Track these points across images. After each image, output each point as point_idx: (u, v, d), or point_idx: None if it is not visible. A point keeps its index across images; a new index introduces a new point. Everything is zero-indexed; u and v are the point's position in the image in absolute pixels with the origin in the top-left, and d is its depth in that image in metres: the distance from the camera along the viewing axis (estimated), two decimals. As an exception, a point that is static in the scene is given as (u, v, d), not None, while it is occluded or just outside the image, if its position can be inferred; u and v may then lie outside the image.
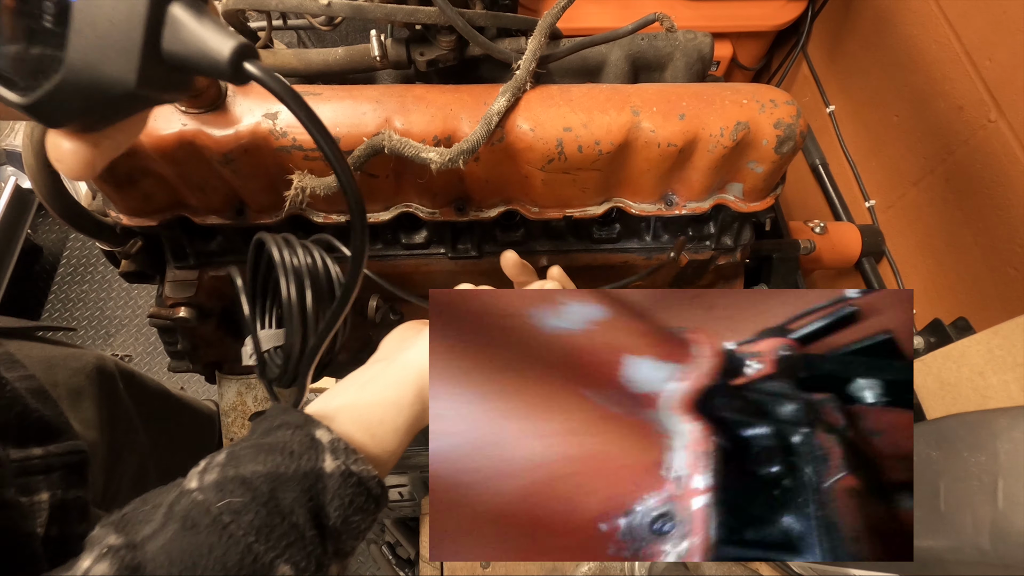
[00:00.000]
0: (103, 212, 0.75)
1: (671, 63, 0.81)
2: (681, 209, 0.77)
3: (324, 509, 0.38)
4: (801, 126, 0.71)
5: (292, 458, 0.38)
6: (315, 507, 0.38)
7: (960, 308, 1.14)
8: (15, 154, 1.75)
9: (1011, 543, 0.44)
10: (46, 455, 0.53)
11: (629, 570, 0.78)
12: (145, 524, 0.35)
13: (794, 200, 1.64)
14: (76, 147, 0.31)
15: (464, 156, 0.64)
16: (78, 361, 0.84)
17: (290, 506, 0.36)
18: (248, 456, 0.38)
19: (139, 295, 1.78)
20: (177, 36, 0.29)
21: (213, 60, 0.29)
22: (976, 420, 0.50)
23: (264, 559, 0.34)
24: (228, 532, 0.34)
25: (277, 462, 0.38)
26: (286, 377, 0.54)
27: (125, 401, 0.94)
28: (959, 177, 1.12)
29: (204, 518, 0.35)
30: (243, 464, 0.38)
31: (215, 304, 0.87)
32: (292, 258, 0.52)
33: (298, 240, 0.55)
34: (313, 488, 0.38)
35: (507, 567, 0.80)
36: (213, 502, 0.35)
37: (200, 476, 0.38)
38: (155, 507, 0.37)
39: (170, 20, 0.28)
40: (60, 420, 0.56)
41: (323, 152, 0.32)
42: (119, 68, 0.28)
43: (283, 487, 0.37)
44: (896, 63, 1.24)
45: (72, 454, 0.55)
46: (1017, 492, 0.44)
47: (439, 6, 0.66)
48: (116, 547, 0.33)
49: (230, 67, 0.29)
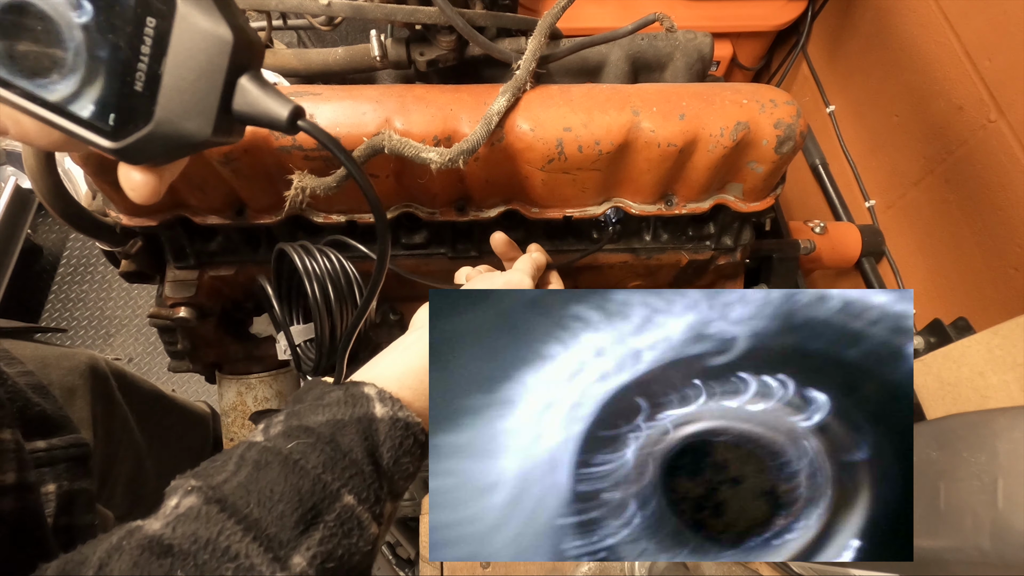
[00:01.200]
0: (103, 212, 0.75)
1: (671, 63, 0.81)
2: (681, 209, 0.77)
3: (378, 449, 0.43)
4: (801, 126, 0.71)
5: (347, 407, 0.43)
6: (370, 447, 0.42)
7: (960, 308, 1.14)
8: (15, 154, 1.75)
9: (1011, 543, 0.44)
10: (50, 448, 0.55)
11: (629, 570, 0.77)
12: (220, 472, 0.39)
13: (794, 200, 1.64)
14: (146, 178, 0.38)
15: (464, 156, 0.64)
16: (71, 361, 0.84)
17: (349, 445, 0.41)
18: (308, 411, 0.43)
19: (139, 295, 1.78)
20: (245, 99, 0.37)
21: (274, 118, 0.38)
22: (976, 420, 0.50)
23: (332, 487, 0.39)
24: (299, 466, 0.39)
25: (334, 411, 0.43)
26: (323, 365, 0.61)
27: (119, 401, 0.94)
28: (959, 177, 1.12)
29: (276, 458, 0.39)
30: (305, 417, 0.43)
31: (215, 304, 0.87)
32: (313, 264, 0.59)
33: (315, 246, 0.61)
34: (367, 431, 0.43)
35: (507, 567, 0.80)
36: (282, 446, 0.40)
37: (265, 431, 0.43)
38: (224, 460, 0.40)
39: (239, 88, 0.37)
40: (60, 414, 0.57)
41: (366, 196, 0.41)
42: (198, 124, 0.36)
43: (342, 431, 0.42)
44: (896, 63, 1.24)
45: (75, 447, 0.57)
46: (1017, 492, 0.44)
47: (439, 6, 0.66)
48: (198, 486, 0.37)
49: (288, 124, 0.38)
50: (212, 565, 0.33)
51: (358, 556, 0.39)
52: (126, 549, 0.34)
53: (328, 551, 0.37)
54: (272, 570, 0.34)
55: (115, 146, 0.36)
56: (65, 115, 0.36)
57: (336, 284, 0.60)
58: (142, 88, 0.35)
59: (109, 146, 0.36)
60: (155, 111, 0.36)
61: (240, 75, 0.37)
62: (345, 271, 0.61)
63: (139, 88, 0.35)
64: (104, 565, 0.33)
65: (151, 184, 0.38)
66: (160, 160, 0.38)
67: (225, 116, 0.37)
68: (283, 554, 0.35)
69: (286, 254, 0.63)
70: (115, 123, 0.36)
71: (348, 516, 0.39)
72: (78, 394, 0.83)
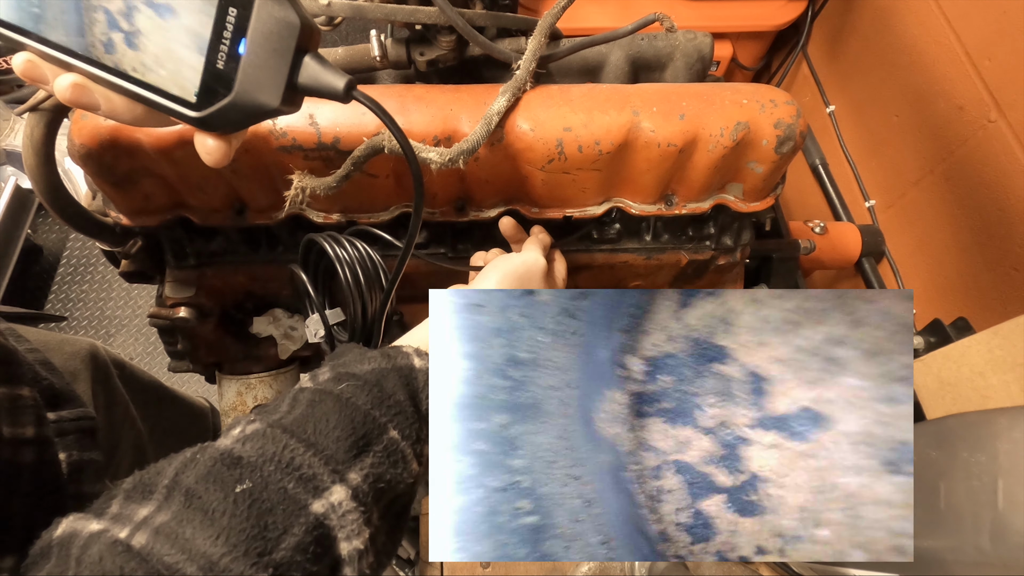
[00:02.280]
0: (103, 212, 0.75)
1: (671, 63, 0.81)
2: (681, 209, 0.77)
3: (418, 395, 0.47)
4: (801, 126, 0.71)
5: (388, 359, 0.47)
6: (411, 392, 0.46)
7: (960, 308, 1.14)
8: (15, 154, 1.75)
9: (1011, 543, 0.44)
10: (59, 419, 0.57)
11: (629, 570, 0.77)
12: (275, 411, 0.43)
13: (794, 200, 1.64)
14: (219, 144, 0.44)
15: (464, 156, 0.64)
16: (72, 346, 0.85)
17: (392, 389, 0.45)
18: (353, 362, 0.47)
19: (139, 295, 1.78)
20: (308, 74, 0.43)
21: (332, 89, 0.44)
22: (976, 420, 0.50)
23: (380, 421, 0.43)
24: (351, 403, 0.42)
25: (378, 362, 0.47)
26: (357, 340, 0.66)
27: (119, 387, 0.94)
28: (959, 177, 1.12)
29: (328, 397, 0.43)
30: (351, 366, 0.47)
31: (215, 304, 0.87)
32: (343, 251, 0.66)
33: (343, 236, 0.68)
34: (408, 378, 0.47)
35: (507, 567, 0.80)
36: (333, 388, 0.44)
37: (313, 378, 0.46)
38: (277, 404, 0.44)
39: (304, 65, 0.43)
40: (68, 389, 0.59)
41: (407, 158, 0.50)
42: (269, 95, 0.43)
43: (386, 377, 0.46)
44: (896, 63, 1.24)
45: (83, 419, 0.59)
46: (1017, 492, 0.44)
47: (439, 6, 0.66)
48: (259, 417, 0.41)
49: (344, 94, 0.44)
50: (277, 476, 0.37)
51: (402, 486, 0.43)
52: (200, 461, 0.37)
53: (378, 474, 0.41)
54: (333, 479, 0.38)
55: (198, 115, 0.42)
56: (155, 91, 0.42)
57: (365, 269, 0.65)
58: (223, 66, 0.41)
59: (193, 115, 0.42)
60: (234, 85, 0.42)
61: (304, 54, 0.43)
62: (372, 257, 0.67)
63: (220, 66, 0.41)
64: (180, 474, 0.37)
65: (222, 148, 0.44)
66: (234, 128, 0.44)
67: (291, 89, 0.43)
68: (341, 468, 0.39)
69: (315, 244, 0.68)
70: (198, 96, 0.42)
71: (394, 448, 0.43)
72: (79, 378, 0.84)
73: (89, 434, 0.59)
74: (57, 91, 0.42)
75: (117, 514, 0.35)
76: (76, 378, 0.83)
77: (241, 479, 0.36)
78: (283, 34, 0.42)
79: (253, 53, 0.42)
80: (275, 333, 0.90)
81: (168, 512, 0.34)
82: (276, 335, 0.90)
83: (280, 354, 0.92)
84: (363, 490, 0.39)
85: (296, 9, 0.42)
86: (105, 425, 0.87)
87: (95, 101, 0.43)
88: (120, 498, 0.37)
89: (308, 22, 0.43)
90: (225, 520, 0.34)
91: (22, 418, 0.47)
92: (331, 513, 0.37)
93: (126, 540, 0.33)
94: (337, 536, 0.37)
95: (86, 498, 0.54)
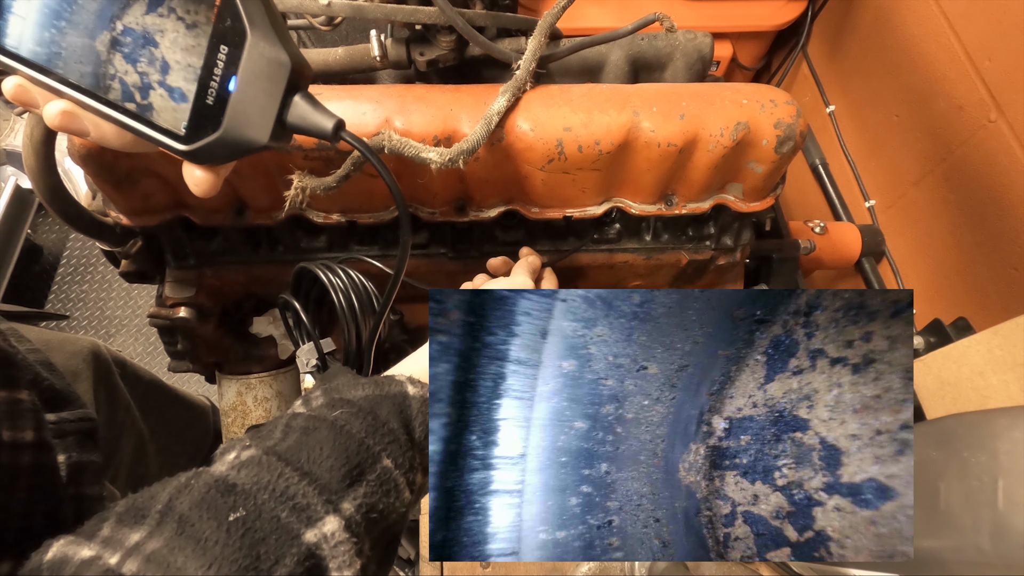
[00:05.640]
0: (103, 212, 0.75)
1: (671, 63, 0.81)
2: (681, 209, 0.77)
3: (411, 423, 0.47)
4: (801, 126, 0.71)
5: (382, 386, 0.47)
6: (405, 419, 0.46)
7: (960, 308, 1.14)
8: (15, 154, 1.75)
9: (1011, 543, 0.44)
10: (59, 421, 0.56)
11: (629, 570, 0.77)
12: (269, 437, 0.43)
13: (794, 200, 1.64)
14: (206, 175, 0.45)
15: (464, 156, 0.64)
16: (74, 345, 0.85)
17: (386, 417, 0.45)
18: (346, 388, 0.47)
19: (139, 295, 1.78)
20: (297, 113, 0.44)
21: (321, 129, 0.45)
22: (976, 420, 0.50)
23: (373, 450, 0.43)
24: (345, 431, 0.42)
25: (371, 389, 0.47)
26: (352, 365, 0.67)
27: (121, 387, 0.94)
28: (959, 177, 1.12)
29: (322, 424, 0.43)
30: (344, 392, 0.47)
31: (215, 304, 0.87)
32: (336, 279, 0.67)
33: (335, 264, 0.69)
34: (401, 405, 0.47)
35: (507, 567, 0.80)
36: (327, 414, 0.44)
37: (306, 403, 0.46)
38: (271, 429, 0.44)
39: (293, 104, 0.44)
40: (69, 390, 0.59)
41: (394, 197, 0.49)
42: (257, 132, 0.43)
43: (379, 404, 0.46)
44: (896, 63, 1.24)
45: (83, 420, 0.58)
46: (1017, 492, 0.44)
47: (439, 6, 0.66)
48: (254, 443, 0.41)
49: (332, 134, 0.45)
50: (271, 504, 0.37)
51: (394, 515, 0.43)
52: (195, 487, 0.37)
53: (371, 504, 0.41)
54: (326, 510, 0.38)
55: (186, 149, 0.43)
56: (144, 122, 0.42)
57: (358, 295, 0.67)
58: (213, 102, 0.42)
59: (181, 149, 0.43)
60: (223, 121, 0.42)
61: (294, 93, 0.44)
62: (364, 284, 0.68)
63: (210, 102, 0.42)
64: (173, 499, 0.37)
65: (210, 180, 0.45)
66: (221, 161, 0.44)
67: (280, 126, 0.44)
68: (334, 499, 0.39)
69: (307, 272, 0.69)
70: (187, 129, 0.42)
71: (387, 477, 0.43)
72: (81, 378, 0.84)
73: (89, 435, 0.59)
74: (47, 117, 0.43)
75: (108, 538, 0.35)
76: (78, 378, 0.83)
77: (235, 507, 0.36)
78: (273, 74, 0.42)
79: (243, 91, 0.42)
80: (275, 333, 0.90)
81: (160, 539, 0.34)
82: (276, 335, 0.90)
83: (280, 354, 0.92)
84: (356, 520, 0.39)
85: (287, 49, 0.42)
86: (105, 425, 0.87)
87: (84, 128, 0.43)
88: (112, 521, 0.36)
89: (299, 61, 0.43)
90: (218, 549, 0.34)
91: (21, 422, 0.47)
92: (323, 543, 0.37)
93: (116, 568, 0.32)
94: (329, 567, 0.37)
95: (85, 500, 0.54)
